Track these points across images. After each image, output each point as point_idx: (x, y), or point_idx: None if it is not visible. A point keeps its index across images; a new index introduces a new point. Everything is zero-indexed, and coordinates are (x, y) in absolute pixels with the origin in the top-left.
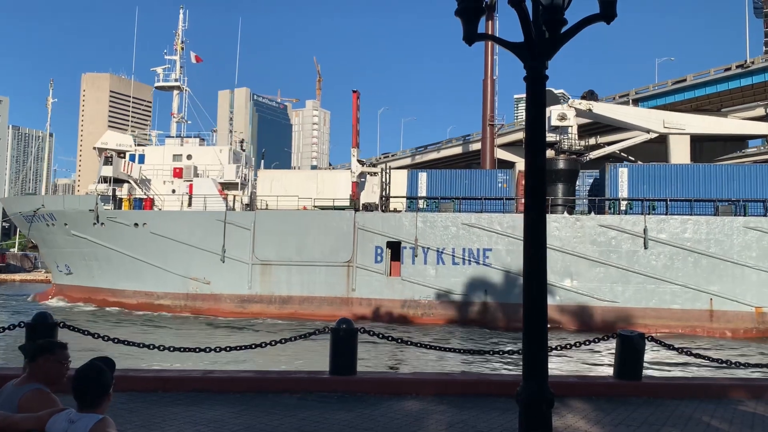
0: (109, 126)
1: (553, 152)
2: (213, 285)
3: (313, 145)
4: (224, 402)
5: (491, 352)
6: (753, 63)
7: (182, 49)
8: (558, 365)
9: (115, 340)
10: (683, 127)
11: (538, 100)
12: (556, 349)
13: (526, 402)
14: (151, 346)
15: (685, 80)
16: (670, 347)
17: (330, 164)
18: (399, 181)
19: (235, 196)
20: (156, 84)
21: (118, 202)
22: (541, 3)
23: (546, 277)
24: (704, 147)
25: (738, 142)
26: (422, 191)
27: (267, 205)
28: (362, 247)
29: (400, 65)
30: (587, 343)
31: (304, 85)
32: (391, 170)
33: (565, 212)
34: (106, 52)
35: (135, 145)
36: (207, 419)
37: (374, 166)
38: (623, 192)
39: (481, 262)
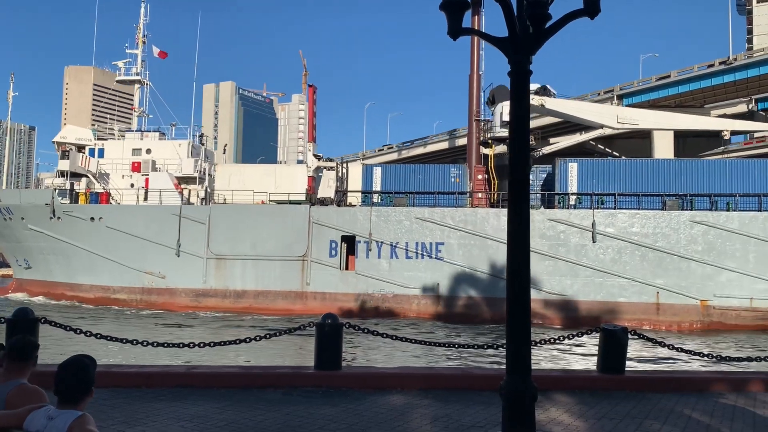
0: (93, 119)
1: (504, 147)
2: (168, 279)
3: (299, 139)
4: (208, 397)
5: (475, 346)
6: (735, 60)
7: (144, 43)
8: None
9: (98, 336)
10: (637, 122)
11: (521, 94)
12: (539, 343)
13: (509, 396)
14: (135, 342)
15: (668, 76)
16: (652, 341)
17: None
18: (357, 176)
19: (190, 190)
20: (117, 78)
21: (74, 197)
22: None
23: (529, 273)
24: (687, 142)
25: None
26: (377, 186)
27: (225, 199)
28: (317, 241)
29: (386, 60)
30: (570, 337)
31: (291, 79)
32: (349, 165)
33: None
34: (92, 44)
35: (95, 139)
36: (190, 415)
37: (361, 160)
38: (573, 187)
39: (433, 256)
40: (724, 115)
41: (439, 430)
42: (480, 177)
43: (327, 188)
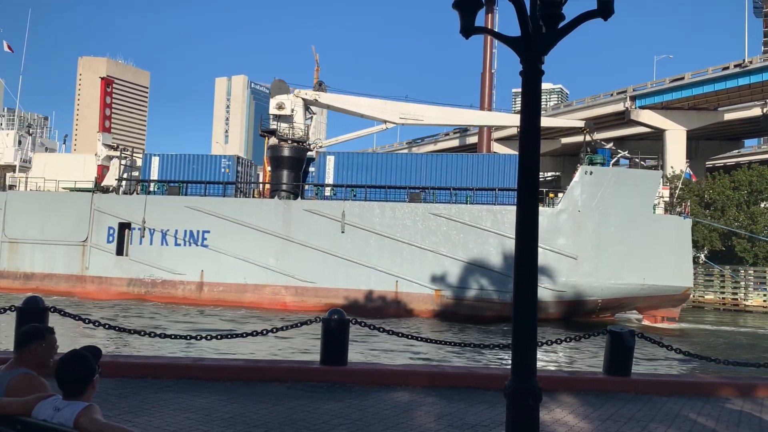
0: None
1: (275, 139)
2: None
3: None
4: (213, 390)
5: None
6: (751, 62)
7: None
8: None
9: (107, 326)
10: (421, 118)
11: (533, 94)
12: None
13: (513, 395)
14: (143, 333)
15: (683, 78)
16: (652, 341)
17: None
18: (156, 166)
19: (19, 178)
20: None
21: None
22: None
23: (537, 271)
24: (700, 145)
25: (734, 141)
26: (154, 174)
27: (39, 186)
28: (97, 227)
29: (400, 57)
30: (578, 339)
31: (303, 74)
32: (146, 155)
33: (276, 197)
34: (104, 36)
35: None
36: (196, 407)
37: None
38: (329, 178)
39: (200, 244)
40: (738, 119)
41: (443, 428)
42: (269, 168)
43: (112, 177)
